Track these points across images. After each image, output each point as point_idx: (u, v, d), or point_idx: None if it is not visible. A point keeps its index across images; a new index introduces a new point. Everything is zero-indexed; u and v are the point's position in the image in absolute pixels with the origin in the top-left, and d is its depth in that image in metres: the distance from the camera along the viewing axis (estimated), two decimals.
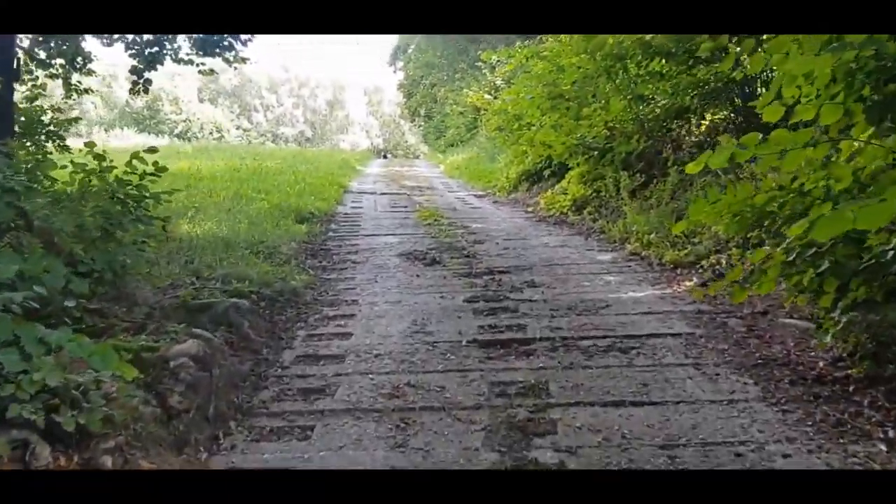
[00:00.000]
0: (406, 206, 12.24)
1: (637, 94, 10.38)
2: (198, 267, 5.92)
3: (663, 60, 9.43)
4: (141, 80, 8.55)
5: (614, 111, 10.47)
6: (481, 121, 22.57)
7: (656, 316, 5.14)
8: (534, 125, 12.50)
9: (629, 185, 9.19)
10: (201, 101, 69.19)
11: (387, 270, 7.00)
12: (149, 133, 50.02)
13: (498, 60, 18.89)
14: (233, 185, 11.83)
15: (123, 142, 36.41)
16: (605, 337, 4.74)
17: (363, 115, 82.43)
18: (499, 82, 21.30)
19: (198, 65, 9.60)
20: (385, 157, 44.74)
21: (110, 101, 63.74)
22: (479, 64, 24.91)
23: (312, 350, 4.65)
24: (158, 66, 8.59)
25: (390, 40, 44.86)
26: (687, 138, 10.30)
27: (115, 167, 5.14)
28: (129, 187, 4.86)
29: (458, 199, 13.91)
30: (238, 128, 69.10)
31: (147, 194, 4.98)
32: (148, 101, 63.14)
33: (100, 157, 5.29)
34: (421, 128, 43.48)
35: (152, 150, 5.00)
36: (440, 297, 5.91)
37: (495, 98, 18.78)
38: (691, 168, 4.03)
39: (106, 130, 51.44)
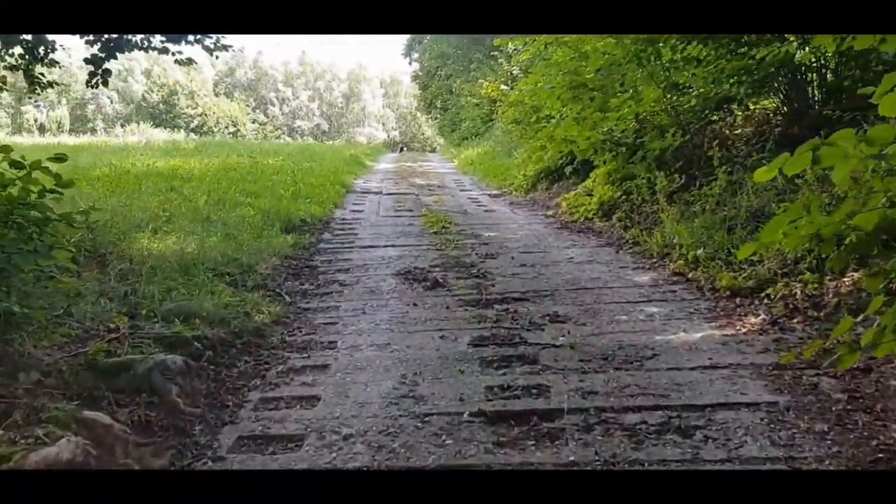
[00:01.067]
0: (412, 210, 11.03)
1: (672, 83, 9.10)
2: (139, 300, 4.76)
3: (700, 45, 8.14)
4: (99, 71, 7.41)
5: (646, 102, 9.21)
6: (497, 113, 21.38)
7: (721, 372, 3.90)
8: (553, 118, 11.31)
9: (666, 188, 7.91)
10: (217, 94, 68.54)
11: (379, 297, 5.80)
12: (165, 127, 49.36)
13: (514, 48, 17.66)
14: (221, 186, 10.68)
15: (139, 136, 35.65)
16: (655, 407, 3.51)
17: (379, 107, 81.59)
18: (515, 71, 20.04)
19: (173, 53, 8.47)
20: (401, 150, 43.75)
21: (126, 95, 63.28)
22: (496, 53, 23.67)
23: (262, 427, 3.46)
24: (118, 55, 7.42)
25: None
26: (729, 132, 8.97)
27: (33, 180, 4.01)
28: (24, 208, 3.70)
29: (471, 200, 12.69)
30: (254, 121, 68.50)
31: (54, 216, 3.82)
32: (163, 96, 62.80)
33: (17, 165, 4.17)
34: (437, 120, 42.38)
35: (60, 157, 3.85)
36: (440, 337, 4.70)
37: (512, 88, 17.53)
38: (762, 175, 2.84)
39: (122, 125, 50.95)
